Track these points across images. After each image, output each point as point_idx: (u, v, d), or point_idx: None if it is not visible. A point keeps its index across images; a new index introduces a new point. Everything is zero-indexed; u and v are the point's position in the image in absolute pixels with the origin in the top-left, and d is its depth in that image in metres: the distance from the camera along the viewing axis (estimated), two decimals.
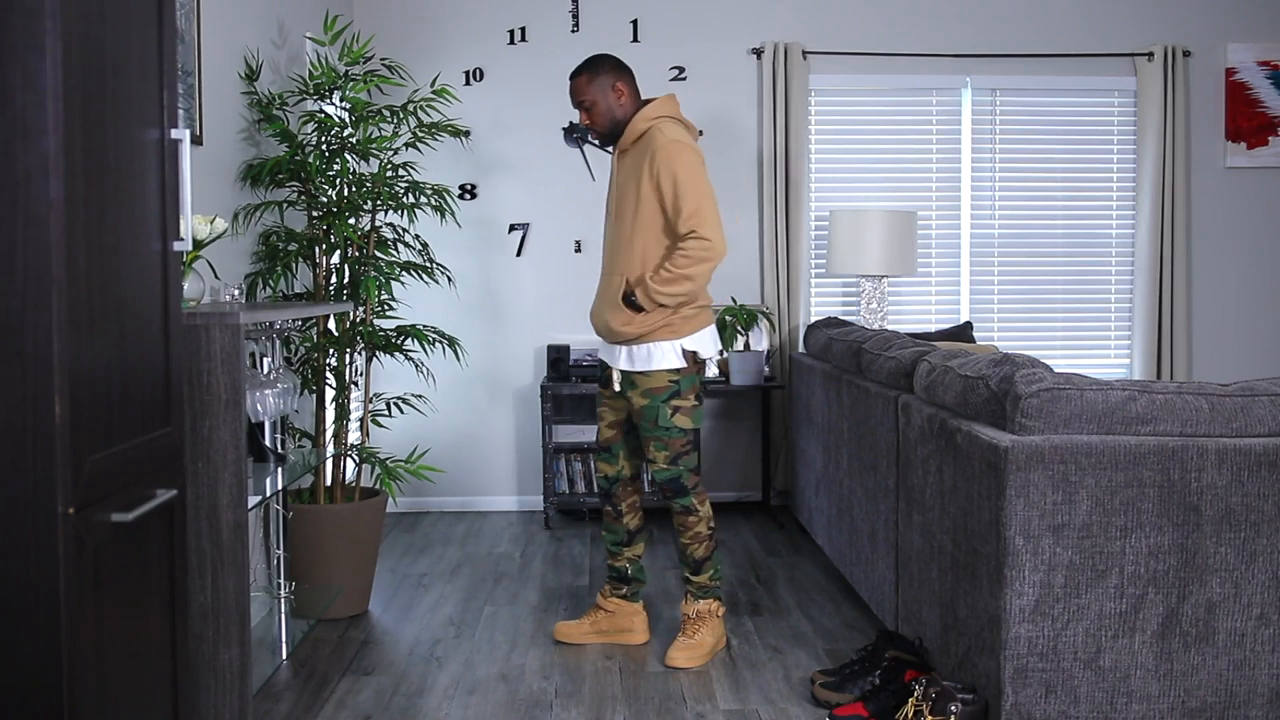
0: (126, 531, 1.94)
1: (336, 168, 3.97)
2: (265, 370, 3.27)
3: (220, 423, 2.57)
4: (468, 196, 5.69)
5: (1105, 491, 2.60)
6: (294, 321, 3.86)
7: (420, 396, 4.55)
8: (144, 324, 2.04)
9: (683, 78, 5.73)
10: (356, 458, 4.10)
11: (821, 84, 5.77)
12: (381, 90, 5.04)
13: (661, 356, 3.53)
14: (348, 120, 4.00)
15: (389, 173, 4.07)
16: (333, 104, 4.14)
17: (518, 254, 5.74)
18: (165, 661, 2.14)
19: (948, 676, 3.00)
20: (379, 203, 4.08)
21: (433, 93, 4.21)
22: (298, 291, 4.22)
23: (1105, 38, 5.86)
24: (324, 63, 4.02)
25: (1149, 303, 5.81)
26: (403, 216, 4.20)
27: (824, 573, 4.60)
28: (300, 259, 3.97)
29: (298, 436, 4.14)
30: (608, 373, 3.67)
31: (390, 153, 4.10)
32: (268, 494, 3.13)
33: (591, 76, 3.61)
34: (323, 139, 3.98)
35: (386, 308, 4.24)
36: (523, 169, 5.71)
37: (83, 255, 1.78)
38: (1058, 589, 2.61)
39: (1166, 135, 5.76)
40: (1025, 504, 2.59)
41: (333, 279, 4.07)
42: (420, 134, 4.17)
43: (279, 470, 3.32)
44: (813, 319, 5.78)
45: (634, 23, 5.70)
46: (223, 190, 3.68)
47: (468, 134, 4.35)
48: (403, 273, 4.12)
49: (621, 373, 3.62)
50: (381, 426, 4.88)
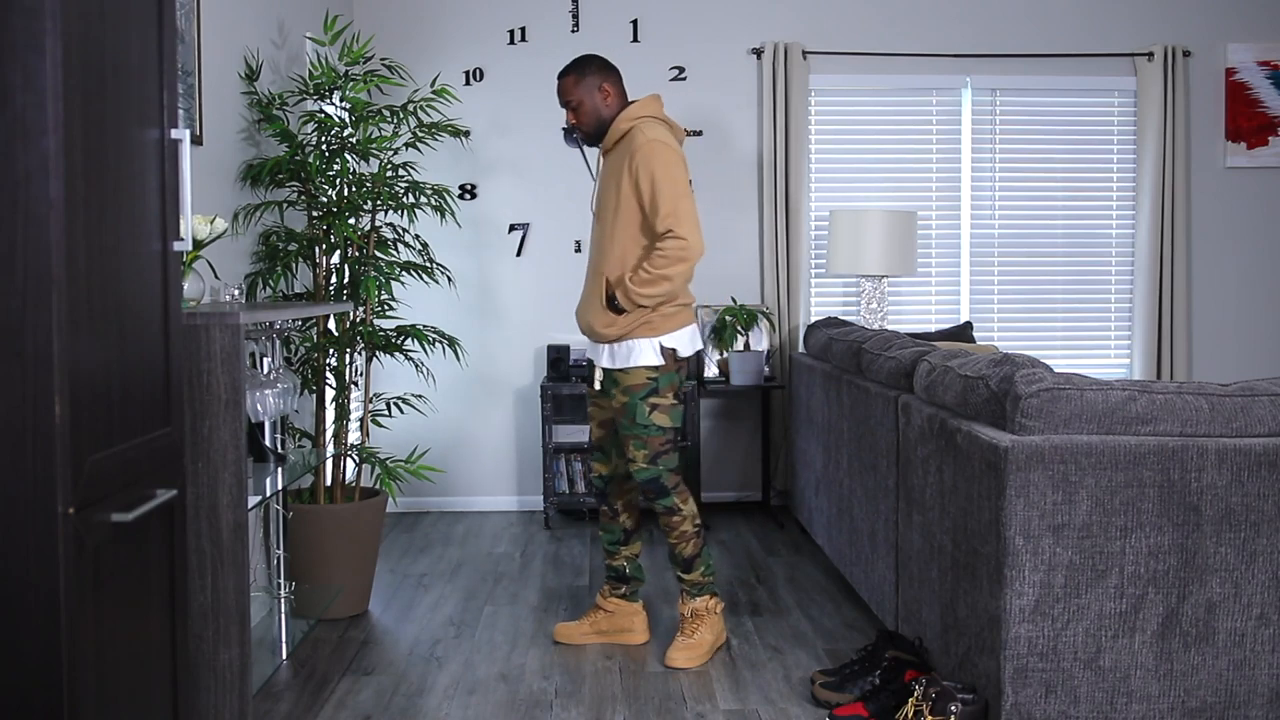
0: (126, 531, 1.94)
1: (336, 168, 3.97)
2: (265, 370, 3.27)
3: (220, 423, 2.57)
4: (468, 196, 5.69)
5: (1105, 491, 2.60)
6: (294, 321, 3.86)
7: (420, 396, 4.56)
8: (144, 324, 2.04)
9: (683, 78, 5.73)
10: (356, 458, 4.10)
11: (821, 84, 5.77)
12: (381, 90, 5.05)
13: (640, 354, 3.55)
14: (348, 120, 4.00)
15: (389, 173, 4.07)
16: (333, 104, 4.14)
17: (518, 254, 5.74)
18: (165, 661, 2.14)
19: (948, 676, 3.00)
20: (379, 203, 4.08)
21: (433, 93, 4.21)
22: (298, 291, 4.22)
23: (1105, 38, 5.86)
24: (324, 63, 4.02)
25: (1149, 303, 5.81)
26: (403, 216, 4.20)
27: (824, 573, 4.60)
28: (300, 259, 3.97)
29: (298, 436, 4.14)
30: (593, 371, 3.70)
31: (390, 153, 4.10)
32: (268, 494, 3.13)
33: (579, 77, 3.64)
34: (323, 139, 3.99)
35: (386, 308, 4.24)
36: (523, 169, 5.71)
37: (83, 255, 1.78)
38: (1058, 589, 2.61)
39: (1166, 135, 5.76)
40: (1025, 504, 2.59)
41: (333, 279, 4.07)
42: (420, 134, 4.17)
43: (279, 470, 3.32)
44: (813, 319, 5.78)
45: (634, 23, 5.70)
46: (223, 190, 3.68)
47: (468, 134, 4.35)
48: (403, 273, 4.12)
49: (604, 371, 3.64)
50: (381, 426, 4.87)
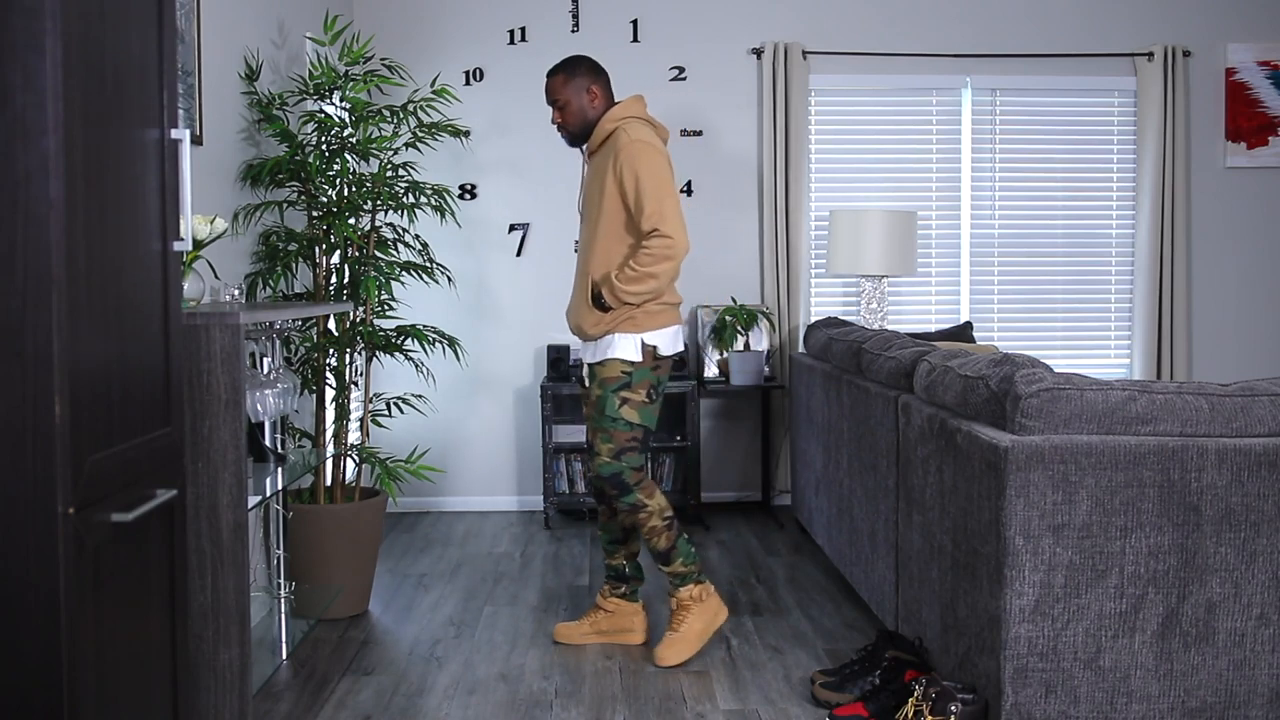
0: (126, 531, 1.94)
1: (336, 168, 3.97)
2: (265, 370, 3.27)
3: (220, 423, 2.57)
4: (468, 196, 5.69)
5: (1105, 491, 2.60)
6: (294, 321, 3.86)
7: (420, 396, 4.56)
8: (144, 324, 2.04)
9: (683, 78, 5.73)
10: (356, 458, 4.10)
11: (821, 84, 5.77)
12: (381, 90, 5.05)
13: (619, 347, 3.56)
14: (348, 120, 4.00)
15: (389, 173, 4.07)
16: (333, 104, 4.14)
17: (518, 254, 5.74)
18: (165, 661, 2.14)
19: (948, 676, 3.00)
20: (379, 203, 4.08)
21: (433, 93, 4.21)
22: (298, 291, 4.22)
23: (1105, 38, 5.86)
24: (324, 63, 4.02)
25: (1149, 303, 5.81)
26: (403, 216, 4.20)
27: (824, 573, 4.60)
28: (300, 259, 3.97)
29: (298, 436, 4.14)
30: (583, 370, 3.73)
31: (390, 153, 4.10)
32: (268, 494, 3.13)
33: (568, 77, 3.66)
34: (323, 139, 3.99)
35: (386, 308, 4.24)
36: (522, 169, 5.71)
37: (83, 255, 1.78)
38: (1058, 589, 2.61)
39: (1166, 135, 5.76)
40: (1025, 504, 2.59)
41: (333, 279, 4.07)
42: (420, 134, 4.17)
43: (279, 470, 3.32)
44: (813, 319, 5.78)
45: (634, 23, 5.70)
46: (223, 190, 3.68)
47: (468, 134, 4.35)
48: (403, 273, 4.12)
49: (588, 367, 3.67)
50: (381, 426, 4.88)
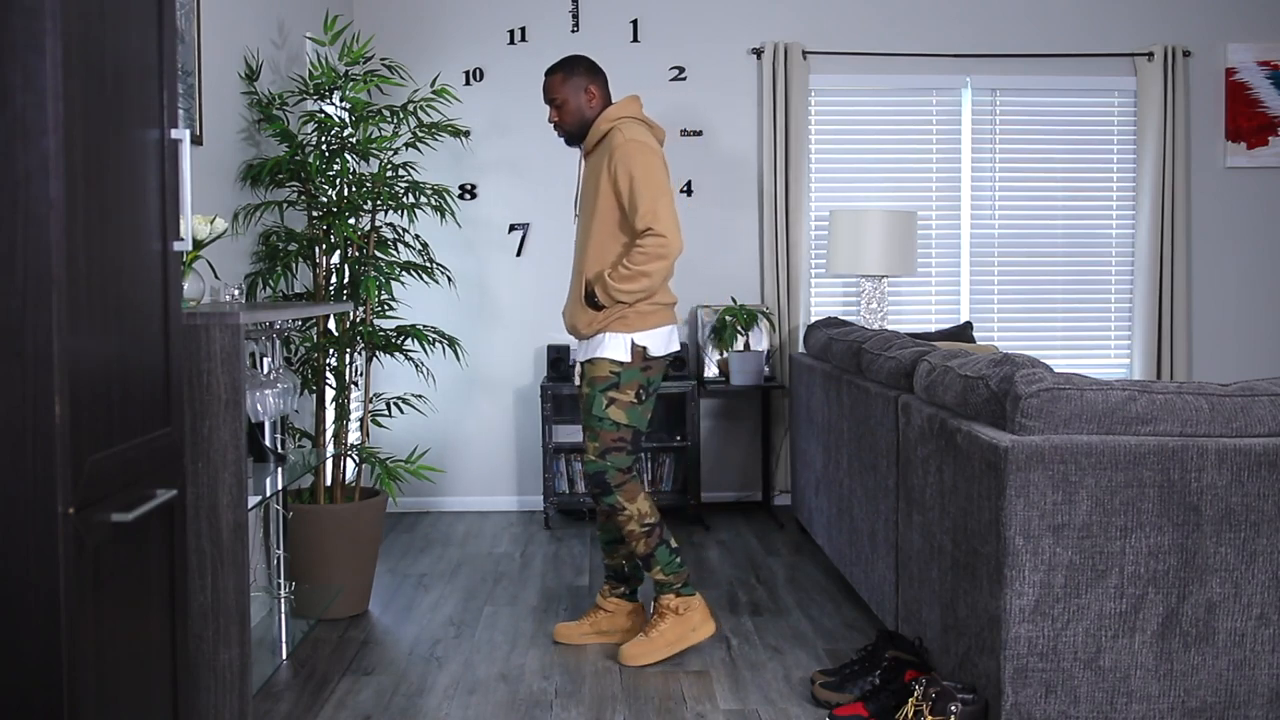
0: (126, 531, 1.94)
1: (336, 168, 3.97)
2: (265, 370, 3.27)
3: (220, 423, 2.57)
4: (468, 196, 5.69)
5: (1105, 491, 2.60)
6: (294, 321, 3.86)
7: (420, 396, 4.56)
8: (144, 324, 2.04)
9: (683, 78, 5.73)
10: (356, 458, 4.10)
11: (821, 84, 5.77)
12: (381, 90, 5.05)
13: (609, 346, 3.57)
14: (348, 120, 4.00)
15: (389, 173, 4.07)
16: (333, 104, 4.14)
17: (518, 254, 5.74)
18: (165, 661, 2.14)
19: (948, 676, 3.00)
20: (379, 203, 4.08)
21: (433, 93, 4.21)
22: (298, 291, 4.22)
23: (1105, 38, 5.86)
24: (324, 63, 4.02)
25: (1149, 303, 5.81)
26: (403, 216, 4.20)
27: (824, 573, 4.60)
28: (300, 259, 3.97)
29: (298, 436, 4.14)
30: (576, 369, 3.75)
31: (390, 153, 4.10)
32: (268, 494, 3.13)
33: (566, 76, 3.67)
34: (323, 139, 3.99)
35: (386, 308, 4.24)
36: (522, 169, 5.71)
37: (83, 255, 1.78)
38: (1058, 589, 2.61)
39: (1166, 135, 5.76)
40: (1025, 504, 2.59)
41: (333, 279, 4.07)
42: (420, 134, 4.17)
43: (279, 470, 3.32)
44: (813, 319, 5.78)
45: (634, 23, 5.70)
46: (223, 190, 3.68)
47: (468, 134, 4.35)
48: (403, 273, 4.12)
49: (580, 365, 3.68)
50: (381, 426, 4.88)
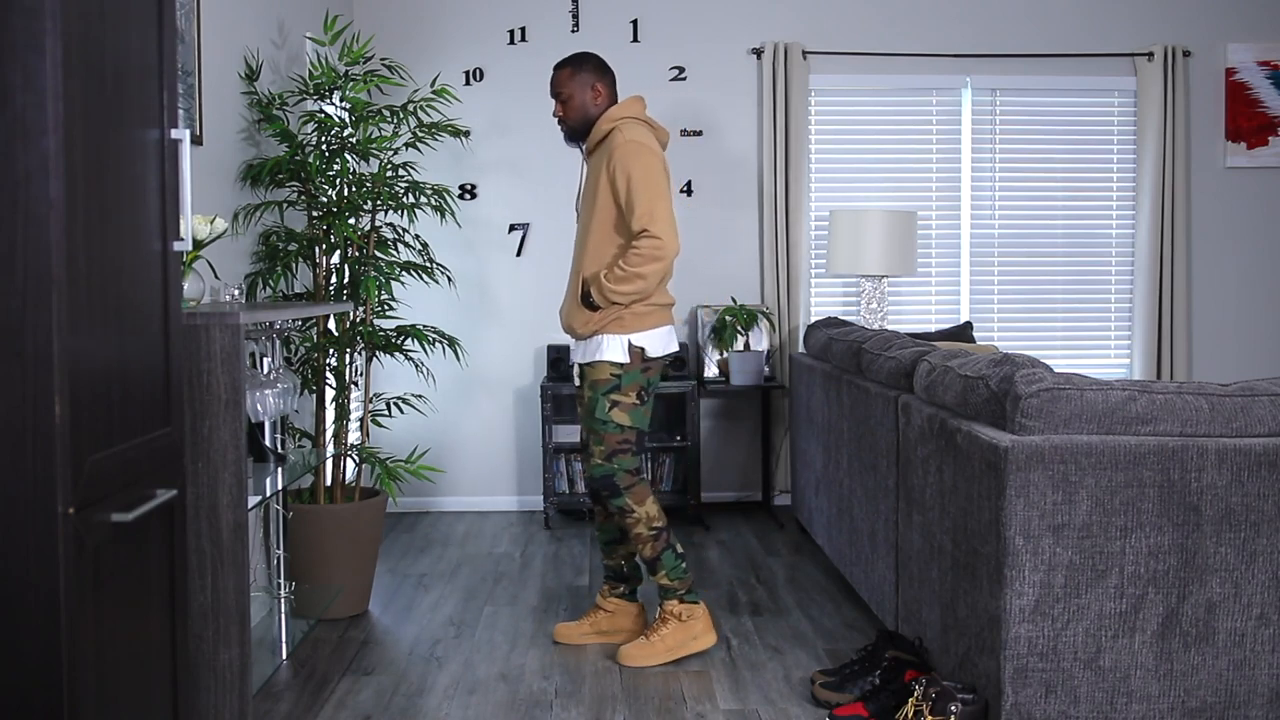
0: (126, 531, 1.94)
1: (336, 168, 3.97)
2: (265, 370, 3.27)
3: (220, 423, 2.57)
4: (468, 196, 5.69)
5: (1105, 491, 2.60)
6: (294, 321, 3.86)
7: (420, 396, 4.56)
8: (144, 324, 2.04)
9: (683, 78, 5.73)
10: (356, 458, 4.10)
11: (821, 84, 5.77)
12: (381, 90, 5.04)
13: (607, 349, 3.57)
14: (348, 120, 4.00)
15: (389, 173, 4.07)
16: (333, 104, 4.14)
17: (518, 254, 5.74)
18: (165, 661, 2.14)
19: (948, 676, 3.00)
20: (379, 203, 4.08)
21: (433, 93, 4.21)
22: (298, 291, 4.22)
23: (1105, 38, 5.86)
24: (324, 63, 4.02)
25: (1149, 303, 5.81)
26: (403, 216, 4.20)
27: (824, 573, 4.60)
28: (300, 259, 3.97)
29: (298, 436, 4.14)
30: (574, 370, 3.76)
31: (390, 153, 4.10)
32: (268, 494, 3.13)
33: (574, 71, 3.68)
34: (323, 139, 3.98)
35: (386, 308, 4.24)
36: (522, 169, 5.71)
37: (83, 255, 1.78)
38: (1058, 589, 2.61)
39: (1166, 135, 5.76)
40: (1025, 504, 2.59)
41: (333, 279, 4.07)
42: (420, 134, 4.17)
43: (279, 470, 3.32)
44: (813, 319, 5.78)
45: (634, 23, 5.70)
46: (223, 190, 3.68)
47: (467, 134, 4.35)
48: (403, 273, 4.12)
49: (579, 367, 3.68)
50: (381, 426, 4.88)
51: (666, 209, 3.50)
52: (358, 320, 4.11)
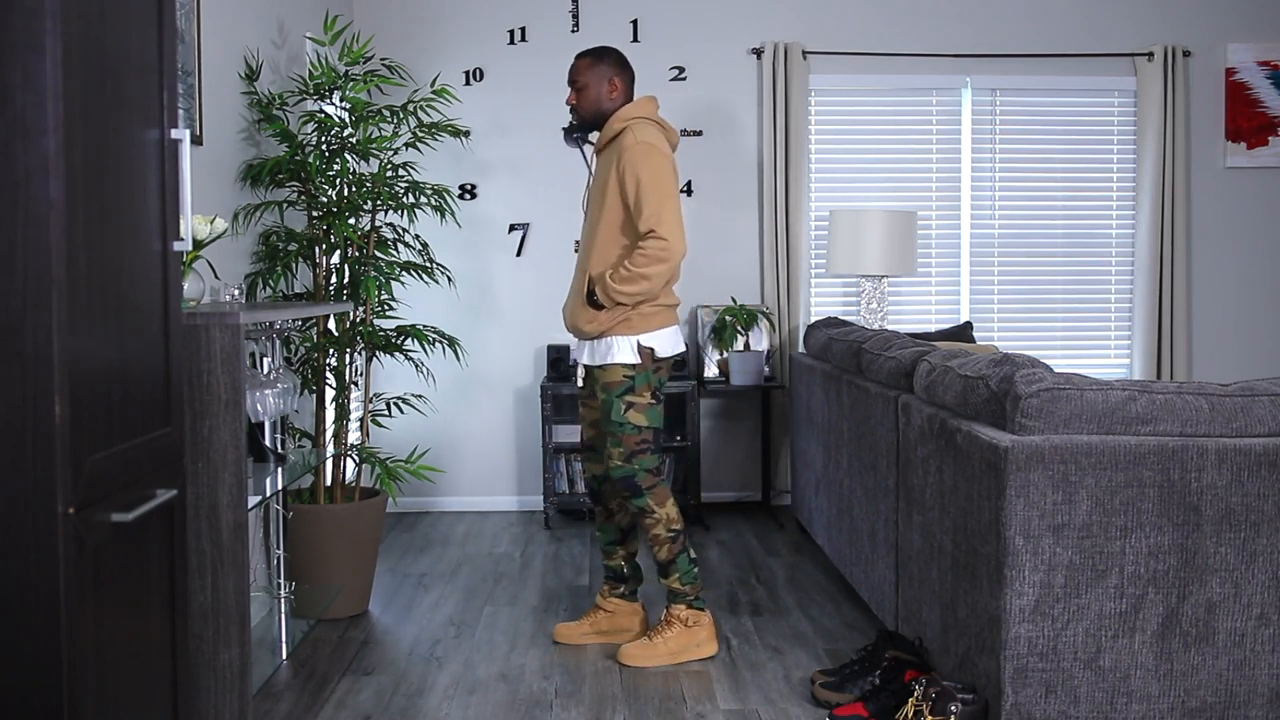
0: (126, 531, 1.94)
1: (336, 168, 3.97)
2: (265, 370, 3.27)
3: (220, 423, 2.57)
4: (468, 196, 5.69)
5: (1105, 491, 2.60)
6: (294, 321, 3.86)
7: (420, 396, 4.56)
8: (144, 324, 2.04)
9: (683, 78, 5.73)
10: (356, 458, 4.10)
11: (821, 84, 5.77)
12: (381, 90, 5.04)
13: (618, 351, 3.57)
14: (348, 120, 4.00)
15: (389, 173, 4.07)
16: (333, 104, 4.14)
17: (518, 254, 5.74)
18: (165, 661, 2.14)
19: (948, 676, 3.00)
20: (379, 203, 4.08)
21: (433, 93, 4.21)
22: (298, 291, 4.22)
23: (1105, 38, 5.86)
24: (324, 63, 4.02)
25: (1149, 303, 5.81)
26: (403, 216, 4.20)
27: (824, 573, 4.60)
28: (300, 259, 3.97)
29: (298, 436, 4.14)
30: (577, 369, 3.74)
31: (390, 153, 4.10)
32: (268, 494, 3.13)
33: (594, 62, 3.68)
34: (323, 139, 3.99)
35: (386, 308, 4.24)
36: (522, 169, 5.71)
37: (83, 255, 1.78)
38: (1058, 589, 2.61)
39: (1166, 135, 5.76)
40: (1025, 504, 2.59)
41: (333, 279, 4.07)
42: (420, 134, 4.17)
43: (279, 470, 3.32)
44: (813, 319, 5.78)
45: (634, 23, 5.70)
46: (223, 190, 3.68)
47: (468, 134, 4.35)
48: (403, 273, 4.12)
49: (585, 368, 3.67)
50: (381, 426, 4.88)
51: (675, 211, 3.50)
52: (358, 320, 4.11)
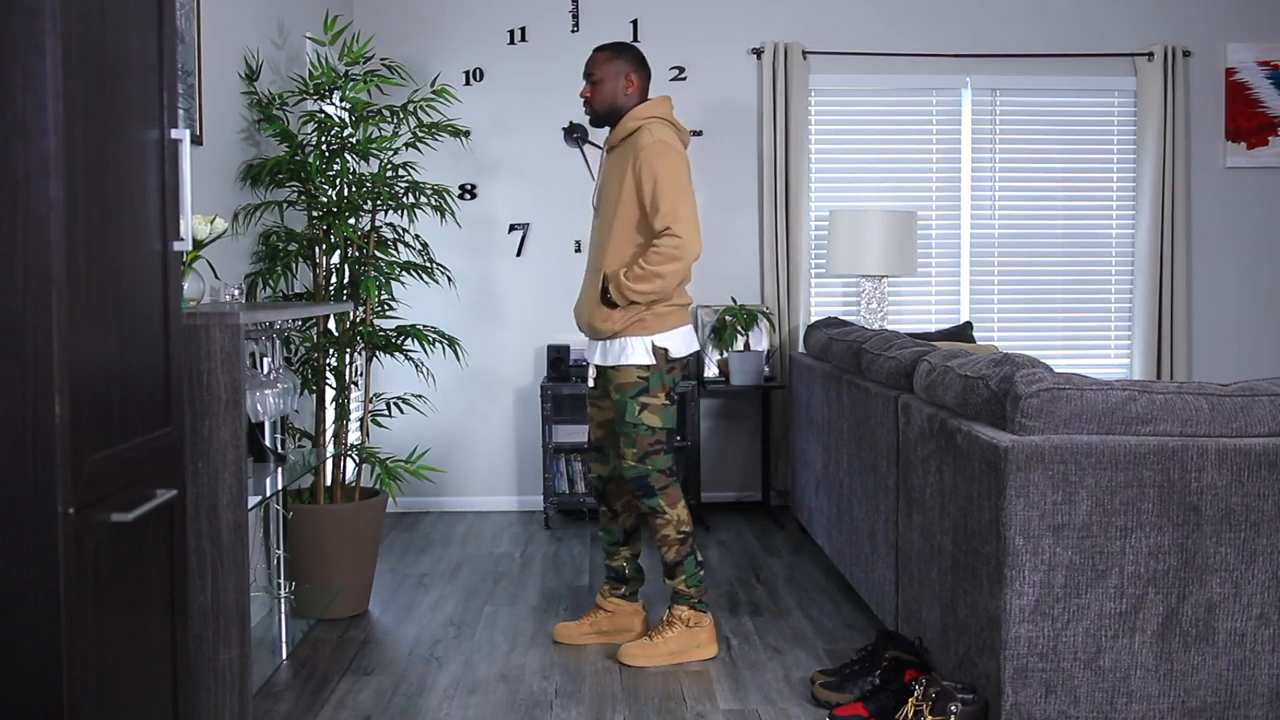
0: (126, 531, 1.94)
1: (336, 168, 3.97)
2: (265, 370, 3.27)
3: (220, 423, 2.57)
4: (468, 196, 5.69)
5: (1105, 491, 2.60)
6: (294, 321, 3.86)
7: (420, 396, 4.56)
8: (144, 324, 2.04)
9: (683, 78, 5.73)
10: (356, 458, 4.10)
11: (821, 84, 5.77)
12: (381, 90, 5.04)
13: (632, 352, 3.56)
14: (348, 120, 4.00)
15: (389, 173, 4.07)
16: (333, 104, 4.14)
17: (518, 254, 5.74)
18: (165, 661, 2.14)
19: (948, 676, 3.00)
20: (379, 203, 4.08)
21: (433, 93, 4.21)
22: (298, 291, 4.22)
23: (1105, 38, 5.86)
24: (324, 63, 4.02)
25: (1149, 303, 5.81)
26: (403, 216, 4.20)
27: (824, 573, 4.60)
28: (300, 259, 3.97)
29: (298, 436, 4.14)
30: (589, 369, 3.73)
31: (390, 153, 4.10)
32: (268, 494, 3.13)
33: (612, 56, 3.66)
34: (323, 139, 3.99)
35: (386, 308, 4.24)
36: (523, 169, 5.71)
37: (83, 255, 1.78)
38: (1058, 589, 2.61)
39: (1166, 135, 5.76)
40: (1025, 504, 2.59)
41: (333, 279, 4.07)
42: (420, 134, 4.17)
43: (279, 470, 3.32)
44: (813, 319, 5.78)
45: (634, 23, 5.70)
46: (223, 190, 3.68)
47: (468, 134, 4.35)
48: (403, 273, 4.12)
49: (597, 368, 3.67)
50: (381, 426, 4.88)
51: (690, 209, 3.49)
52: (358, 320, 4.11)
